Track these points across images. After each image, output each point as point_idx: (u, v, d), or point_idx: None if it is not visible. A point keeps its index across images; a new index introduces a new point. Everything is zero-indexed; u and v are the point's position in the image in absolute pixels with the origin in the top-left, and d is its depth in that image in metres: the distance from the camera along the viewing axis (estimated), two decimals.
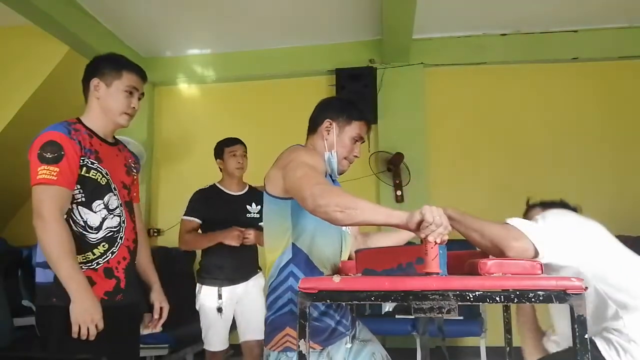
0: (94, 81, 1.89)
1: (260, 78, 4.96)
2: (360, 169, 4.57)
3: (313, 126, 1.84)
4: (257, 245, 3.00)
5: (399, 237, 1.98)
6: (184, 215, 3.04)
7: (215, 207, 3.01)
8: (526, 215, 2.05)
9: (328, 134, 1.79)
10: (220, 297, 2.97)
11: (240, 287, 3.02)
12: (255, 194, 3.09)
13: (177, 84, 5.10)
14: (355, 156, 1.83)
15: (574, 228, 1.70)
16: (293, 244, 1.66)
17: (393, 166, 4.42)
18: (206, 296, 2.99)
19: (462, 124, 4.69)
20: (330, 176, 1.79)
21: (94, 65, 1.93)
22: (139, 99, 1.95)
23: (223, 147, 3.08)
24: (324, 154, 1.78)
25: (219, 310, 2.96)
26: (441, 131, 4.68)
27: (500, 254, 1.56)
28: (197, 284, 3.06)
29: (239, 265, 3.00)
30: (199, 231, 3.06)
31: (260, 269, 3.12)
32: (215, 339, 3.00)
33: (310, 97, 4.93)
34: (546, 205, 1.99)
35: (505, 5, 4.18)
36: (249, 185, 3.16)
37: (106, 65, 1.90)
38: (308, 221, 1.65)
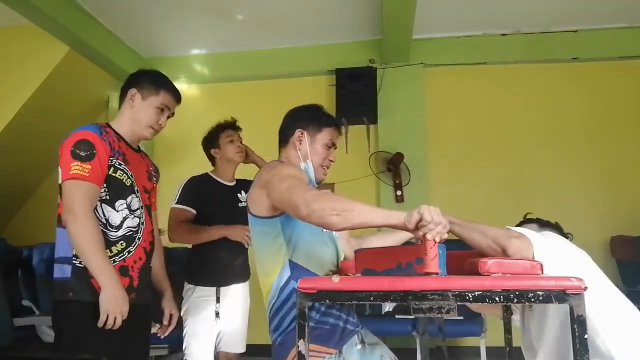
0: (132, 91, 1.98)
1: (260, 78, 4.96)
2: (360, 169, 4.58)
3: (284, 138, 1.82)
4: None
5: (395, 239, 1.96)
6: (176, 203, 2.68)
7: (209, 197, 2.70)
8: (520, 227, 2.06)
9: (300, 143, 1.77)
10: (218, 299, 2.61)
11: (231, 290, 2.69)
12: (244, 183, 2.79)
13: (177, 84, 5.08)
14: (331, 161, 1.81)
15: (570, 254, 1.68)
16: (290, 261, 1.63)
17: (393, 166, 4.42)
18: (200, 299, 2.61)
19: (462, 124, 4.69)
20: None
21: (136, 76, 2.03)
22: (168, 117, 2.06)
23: (217, 134, 2.78)
24: (299, 165, 1.76)
25: (217, 314, 2.60)
26: (441, 131, 4.68)
27: (500, 253, 1.55)
28: (188, 285, 2.67)
29: (232, 264, 2.67)
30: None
31: (250, 275, 2.80)
32: (200, 351, 2.58)
33: (310, 97, 4.93)
34: (542, 223, 1.98)
35: (505, 5, 4.19)
36: (236, 179, 2.85)
37: (147, 80, 2.00)
38: (300, 234, 1.64)
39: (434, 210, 1.31)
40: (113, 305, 1.72)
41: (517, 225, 2.04)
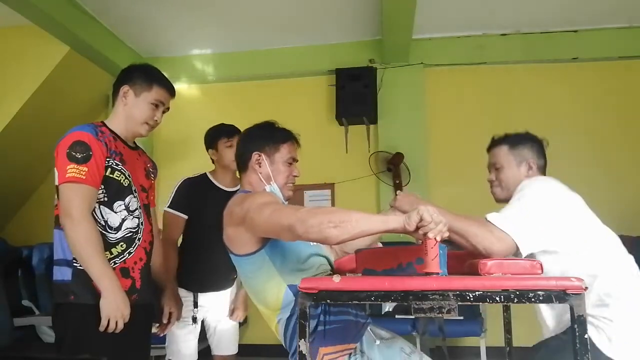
0: (124, 88, 1.94)
1: (260, 78, 4.96)
2: (360, 169, 4.58)
3: (242, 163, 1.78)
4: None
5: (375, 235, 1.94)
6: (169, 207, 2.62)
7: (203, 201, 2.59)
8: (491, 150, 1.97)
9: (260, 166, 1.74)
10: (195, 305, 2.56)
11: (213, 296, 2.64)
12: None
13: (177, 84, 5.09)
14: (295, 176, 1.78)
15: (555, 211, 1.65)
16: (289, 286, 1.62)
17: (393, 166, 4.42)
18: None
19: (462, 124, 4.69)
20: None
21: (127, 72, 1.98)
22: (164, 112, 2.01)
23: (217, 138, 2.69)
24: (264, 189, 1.72)
25: (194, 320, 2.56)
26: (441, 131, 4.68)
27: (484, 254, 1.56)
28: None
29: (216, 269, 2.55)
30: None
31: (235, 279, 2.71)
32: (182, 354, 2.57)
33: (310, 97, 4.98)
34: (512, 141, 1.93)
35: (505, 5, 4.19)
36: None
37: (139, 75, 1.95)
38: (289, 258, 1.63)
39: (432, 210, 1.31)
40: (114, 310, 1.72)
41: (488, 149, 1.99)
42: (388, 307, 3.89)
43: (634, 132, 4.44)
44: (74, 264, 1.76)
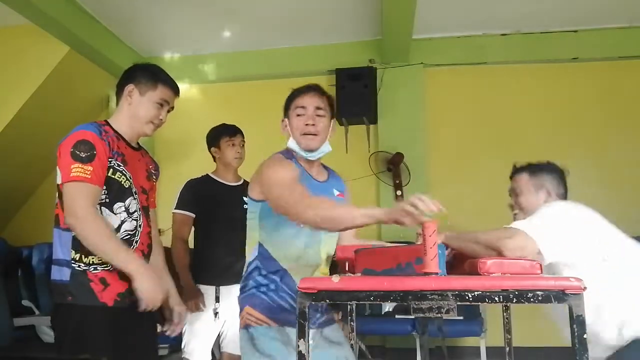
0: (129, 87, 1.92)
1: (260, 78, 4.96)
2: (361, 169, 4.58)
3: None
4: None
5: None
6: (176, 208, 2.73)
7: (209, 199, 2.70)
8: (512, 177, 2.07)
9: (286, 128, 1.92)
10: (217, 299, 2.63)
11: (233, 290, 2.55)
12: None
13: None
14: (307, 125, 1.85)
15: (573, 224, 1.67)
16: (259, 244, 1.80)
17: (393, 166, 4.42)
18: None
19: (462, 124, 4.69)
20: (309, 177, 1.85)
21: (131, 71, 1.97)
22: (168, 111, 2.01)
23: (220, 136, 2.79)
24: (291, 144, 1.88)
25: (216, 314, 2.61)
26: (441, 131, 4.68)
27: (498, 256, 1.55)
28: None
29: (233, 264, 2.54)
30: (192, 226, 2.77)
31: None
32: (199, 349, 2.60)
33: None
34: (533, 169, 2.00)
35: (505, 5, 4.19)
36: (244, 179, 2.82)
37: (144, 74, 1.94)
38: (274, 224, 1.77)
39: (418, 195, 1.34)
40: (150, 291, 1.74)
41: (510, 176, 2.09)
42: (388, 307, 3.90)
43: (634, 132, 4.44)
44: (73, 265, 1.75)
